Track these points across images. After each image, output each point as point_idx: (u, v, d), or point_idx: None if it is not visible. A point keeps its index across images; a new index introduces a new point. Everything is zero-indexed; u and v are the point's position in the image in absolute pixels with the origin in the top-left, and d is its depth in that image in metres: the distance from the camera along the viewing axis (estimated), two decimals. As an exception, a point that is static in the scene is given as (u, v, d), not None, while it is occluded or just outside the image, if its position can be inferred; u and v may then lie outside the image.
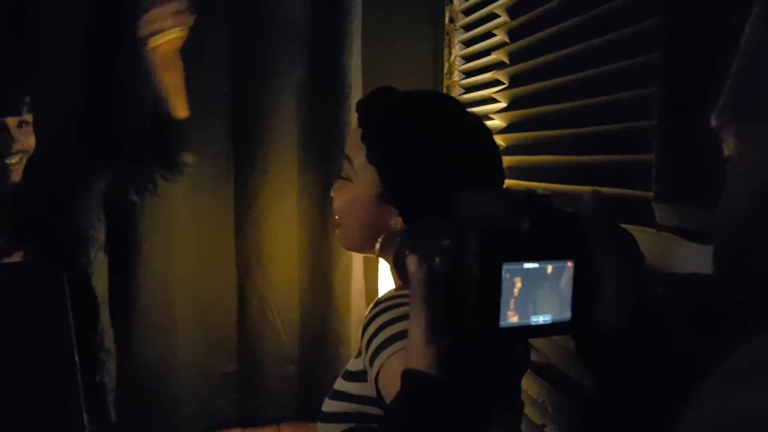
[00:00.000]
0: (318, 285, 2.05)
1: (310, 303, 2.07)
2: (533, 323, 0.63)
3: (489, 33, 1.87)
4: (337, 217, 0.92)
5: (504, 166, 0.93)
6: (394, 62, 2.09)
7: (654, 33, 1.02)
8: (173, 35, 1.51)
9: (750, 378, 0.45)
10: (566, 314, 0.65)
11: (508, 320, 0.61)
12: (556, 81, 1.42)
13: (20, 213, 1.51)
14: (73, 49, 1.82)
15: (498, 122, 1.70)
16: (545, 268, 0.63)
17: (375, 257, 1.96)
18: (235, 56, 1.99)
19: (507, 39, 1.71)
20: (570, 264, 0.65)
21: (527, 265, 0.62)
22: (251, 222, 2.03)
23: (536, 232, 0.62)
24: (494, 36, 1.81)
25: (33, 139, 1.47)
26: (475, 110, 1.71)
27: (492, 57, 1.81)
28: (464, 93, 2.08)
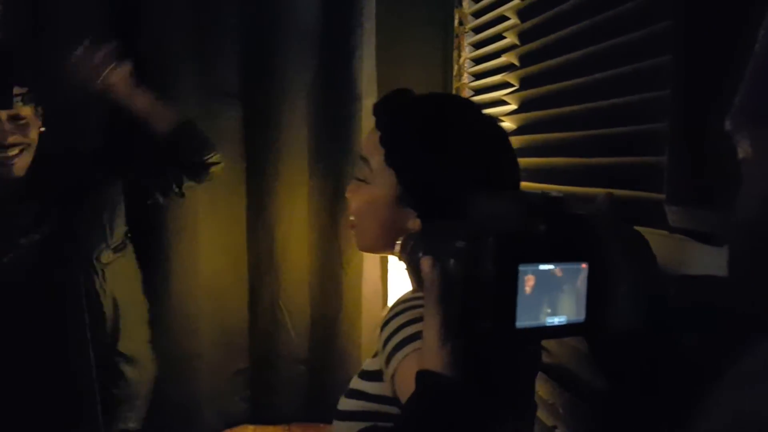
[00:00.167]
0: (328, 286, 2.06)
1: (321, 304, 2.08)
2: (548, 324, 0.64)
3: (498, 35, 1.88)
4: (353, 219, 0.93)
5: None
6: (404, 65, 2.10)
7: (665, 36, 1.02)
8: (113, 71, 1.49)
9: (762, 378, 0.46)
10: (581, 315, 0.66)
11: (524, 321, 0.62)
12: (567, 83, 1.42)
13: (34, 205, 1.50)
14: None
15: (508, 124, 1.70)
16: (560, 270, 0.64)
17: (385, 258, 1.98)
18: (247, 61, 2.00)
19: (517, 41, 1.71)
20: (584, 265, 0.66)
21: (542, 267, 0.62)
22: (263, 224, 2.04)
23: (551, 234, 0.63)
24: (504, 38, 1.82)
25: (32, 132, 1.45)
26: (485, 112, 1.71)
27: (501, 59, 1.81)
28: (473, 95, 2.08)
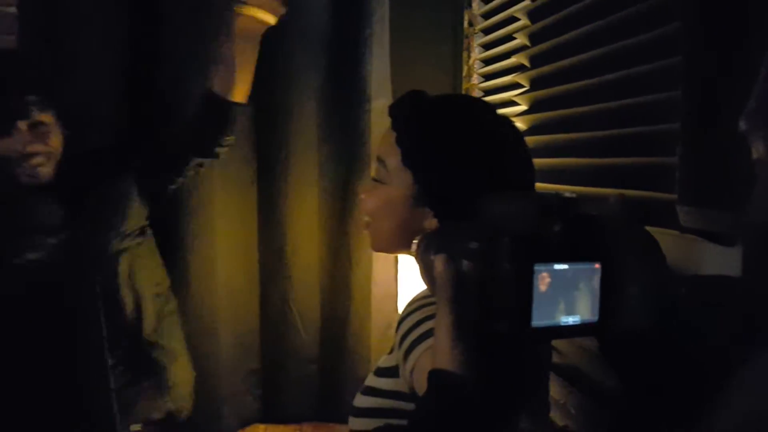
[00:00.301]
0: (338, 286, 2.07)
1: (331, 304, 2.09)
2: (563, 324, 0.64)
3: (508, 37, 1.88)
4: (368, 219, 0.93)
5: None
6: (413, 66, 2.10)
7: (676, 37, 1.03)
8: (262, 14, 1.44)
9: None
10: (594, 315, 0.67)
11: (539, 320, 0.62)
12: (578, 84, 1.43)
13: (60, 205, 1.49)
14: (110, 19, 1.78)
15: (519, 125, 1.71)
16: (574, 270, 0.65)
17: (396, 259, 1.99)
18: (258, 63, 2.01)
19: (528, 42, 1.72)
20: (597, 266, 0.66)
21: (557, 267, 0.63)
22: (273, 224, 2.05)
23: (565, 235, 0.64)
24: (514, 39, 1.82)
25: (54, 139, 1.44)
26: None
27: (511, 60, 1.82)
28: (483, 96, 2.09)
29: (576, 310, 0.65)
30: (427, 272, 0.71)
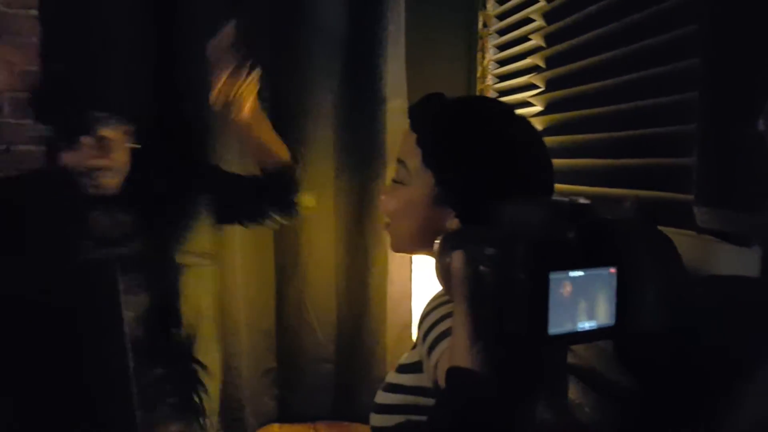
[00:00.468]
0: (354, 286, 2.08)
1: (347, 304, 2.10)
2: (579, 329, 0.65)
3: (523, 37, 1.89)
4: (389, 220, 0.94)
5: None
6: (428, 67, 2.11)
7: (692, 39, 1.03)
8: (249, 101, 1.47)
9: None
10: (611, 319, 0.67)
11: (556, 328, 0.63)
12: (594, 85, 1.43)
13: (129, 217, 1.53)
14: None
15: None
16: (590, 275, 0.65)
17: (412, 259, 1.99)
18: (274, 63, 2.03)
19: (543, 43, 1.72)
20: (613, 270, 0.67)
21: (573, 273, 0.63)
22: (289, 225, 2.06)
23: (580, 241, 0.64)
24: (528, 40, 1.83)
25: (118, 154, 1.47)
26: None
27: (526, 61, 1.82)
28: (497, 97, 2.09)
29: (592, 315, 0.65)
30: (444, 272, 0.71)
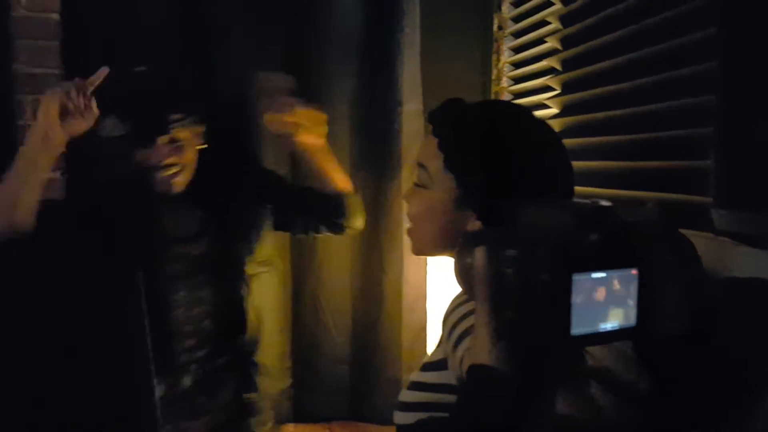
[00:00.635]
0: (369, 289, 2.09)
1: (362, 305, 2.12)
2: (601, 330, 0.66)
3: (538, 40, 1.89)
4: (411, 224, 0.96)
5: None
6: (443, 69, 2.12)
7: (710, 42, 1.03)
8: (314, 131, 1.60)
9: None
10: (632, 320, 0.68)
11: (579, 328, 0.64)
12: (609, 88, 1.43)
13: (194, 218, 1.62)
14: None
15: (549, 128, 1.72)
16: (612, 277, 0.66)
17: (427, 261, 2.00)
18: (289, 67, 2.04)
19: (559, 46, 1.73)
20: (635, 272, 0.68)
21: (595, 275, 0.65)
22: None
23: (602, 243, 0.66)
24: (544, 43, 1.83)
25: (189, 153, 1.56)
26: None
27: (542, 64, 1.83)
28: (513, 99, 2.09)
29: (614, 316, 0.67)
30: (464, 272, 0.72)
